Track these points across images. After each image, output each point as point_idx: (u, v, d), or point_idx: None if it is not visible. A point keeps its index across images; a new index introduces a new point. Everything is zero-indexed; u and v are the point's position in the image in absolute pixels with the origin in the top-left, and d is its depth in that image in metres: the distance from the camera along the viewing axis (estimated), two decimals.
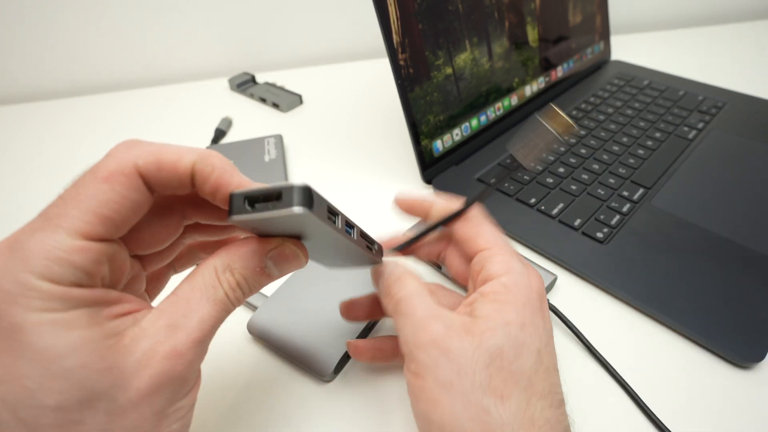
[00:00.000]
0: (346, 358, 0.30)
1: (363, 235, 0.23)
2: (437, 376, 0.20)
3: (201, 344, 0.18)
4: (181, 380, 0.18)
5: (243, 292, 0.20)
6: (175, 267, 0.24)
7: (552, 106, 0.21)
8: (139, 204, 0.18)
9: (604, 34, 0.65)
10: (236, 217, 0.18)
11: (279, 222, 0.18)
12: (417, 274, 0.24)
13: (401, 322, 0.22)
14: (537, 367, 0.21)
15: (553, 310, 0.32)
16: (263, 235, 0.21)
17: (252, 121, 0.60)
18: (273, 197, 0.18)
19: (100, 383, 0.16)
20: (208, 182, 0.19)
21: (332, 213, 0.19)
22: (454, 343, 0.20)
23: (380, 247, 0.25)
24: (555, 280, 0.34)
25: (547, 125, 0.21)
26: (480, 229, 0.25)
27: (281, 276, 0.21)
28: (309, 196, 0.18)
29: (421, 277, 0.24)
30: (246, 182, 0.20)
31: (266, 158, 0.50)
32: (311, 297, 0.33)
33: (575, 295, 0.35)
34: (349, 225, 0.21)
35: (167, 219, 0.21)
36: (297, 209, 0.17)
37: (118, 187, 0.17)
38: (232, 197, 0.18)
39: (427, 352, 0.20)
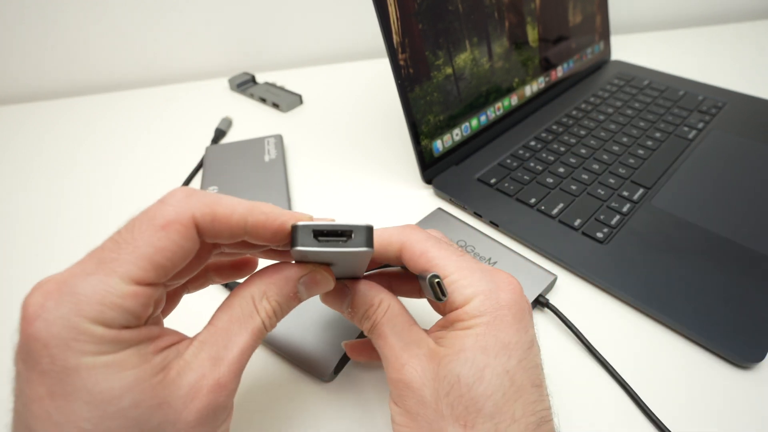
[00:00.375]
0: (345, 358, 0.30)
1: None
2: (406, 407, 0.21)
3: (240, 374, 0.19)
4: (223, 409, 0.19)
5: (277, 317, 0.21)
6: (188, 288, 0.25)
7: (434, 281, 0.22)
8: (190, 251, 0.19)
9: (604, 34, 0.65)
10: (301, 249, 0.19)
11: (333, 254, 0.19)
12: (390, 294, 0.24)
13: (378, 350, 0.23)
14: (506, 390, 0.20)
15: (553, 310, 0.32)
16: (300, 260, 0.21)
17: (252, 121, 0.60)
18: (340, 234, 0.19)
19: (152, 419, 0.17)
20: (268, 229, 0.19)
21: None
22: (417, 374, 0.21)
23: None
24: (555, 280, 0.34)
25: (426, 287, 0.22)
26: (427, 257, 0.23)
27: (309, 298, 0.22)
28: (372, 236, 0.19)
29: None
30: (291, 214, 0.20)
31: (266, 158, 0.50)
32: (311, 297, 0.32)
33: (575, 295, 0.35)
34: None
35: (200, 252, 0.22)
36: (365, 249, 0.19)
37: (174, 235, 0.18)
38: (296, 229, 0.19)
39: (395, 386, 0.22)
